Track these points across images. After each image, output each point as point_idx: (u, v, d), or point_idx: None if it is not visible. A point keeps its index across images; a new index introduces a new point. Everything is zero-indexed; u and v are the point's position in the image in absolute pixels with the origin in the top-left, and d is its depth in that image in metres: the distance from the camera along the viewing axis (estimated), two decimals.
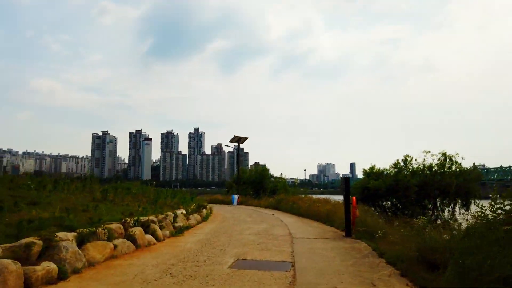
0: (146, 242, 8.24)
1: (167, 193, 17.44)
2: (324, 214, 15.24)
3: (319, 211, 15.96)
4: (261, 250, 7.90)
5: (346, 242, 9.13)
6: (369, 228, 10.27)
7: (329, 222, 14.03)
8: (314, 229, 12.31)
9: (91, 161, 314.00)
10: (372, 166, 24.00)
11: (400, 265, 6.25)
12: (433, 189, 22.84)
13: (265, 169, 37.62)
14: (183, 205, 15.03)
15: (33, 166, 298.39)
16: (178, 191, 22.78)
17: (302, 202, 20.17)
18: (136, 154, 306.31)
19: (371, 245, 8.44)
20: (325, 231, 11.77)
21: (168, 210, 12.59)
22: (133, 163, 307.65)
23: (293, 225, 13.58)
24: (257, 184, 36.70)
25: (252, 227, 12.47)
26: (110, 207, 10.89)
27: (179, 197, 17.47)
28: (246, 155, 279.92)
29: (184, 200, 17.47)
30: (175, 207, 13.80)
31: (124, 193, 13.87)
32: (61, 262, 5.40)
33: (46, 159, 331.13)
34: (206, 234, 10.50)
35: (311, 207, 17.54)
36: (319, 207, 16.40)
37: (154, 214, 10.71)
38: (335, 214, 14.12)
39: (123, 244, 7.21)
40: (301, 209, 18.86)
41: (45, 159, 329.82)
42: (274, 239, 9.61)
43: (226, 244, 8.62)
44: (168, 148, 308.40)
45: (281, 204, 23.52)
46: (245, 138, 33.73)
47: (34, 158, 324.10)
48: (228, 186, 42.59)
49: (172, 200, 14.86)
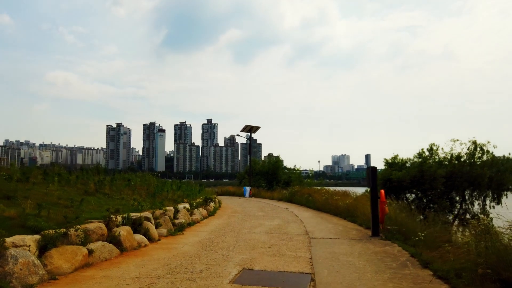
0: (134, 244, 6.89)
1: (171, 185, 16.16)
2: (344, 209, 13.70)
3: (338, 205, 14.42)
4: (273, 256, 6.45)
5: (376, 245, 7.60)
6: (401, 227, 8.71)
7: (350, 217, 12.49)
8: (334, 226, 10.79)
9: (106, 153, 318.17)
10: (395, 156, 22.22)
11: (457, 282, 4.71)
12: (462, 181, 21.01)
13: (278, 160, 36.10)
14: (188, 198, 13.71)
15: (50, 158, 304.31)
16: (185, 182, 21.51)
17: (319, 194, 18.63)
18: (150, 146, 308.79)
19: (408, 250, 6.89)
20: (347, 229, 10.24)
21: (170, 204, 11.27)
22: (147, 155, 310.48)
23: (309, 221, 12.09)
24: (270, 176, 35.28)
25: (264, 224, 11.04)
26: (103, 201, 9.61)
27: (184, 189, 16.17)
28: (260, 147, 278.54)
29: (191, 193, 16.15)
30: (178, 201, 12.47)
31: (122, 185, 12.62)
32: (5, 278, 4.06)
33: (62, 151, 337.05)
34: (210, 233, 9.11)
35: (328, 201, 16.00)
36: (338, 200, 14.85)
37: (151, 209, 9.39)
38: (357, 209, 12.57)
39: (103, 249, 5.85)
40: (318, 203, 17.34)
41: (61, 151, 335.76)
42: (288, 240, 8.14)
43: (231, 247, 7.20)
44: (182, 139, 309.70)
45: (295, 196, 22.04)
46: (257, 128, 32.20)
47: (51, 150, 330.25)
48: (240, 178, 41.31)
49: (176, 193, 13.53)
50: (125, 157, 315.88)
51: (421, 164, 20.29)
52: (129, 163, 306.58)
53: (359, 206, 12.52)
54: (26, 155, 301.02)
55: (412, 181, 19.69)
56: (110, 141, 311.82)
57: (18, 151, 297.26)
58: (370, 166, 9.21)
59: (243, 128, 31.96)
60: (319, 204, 17.04)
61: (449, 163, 21.38)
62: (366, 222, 10.82)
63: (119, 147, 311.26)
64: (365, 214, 11.37)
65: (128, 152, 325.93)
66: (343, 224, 11.29)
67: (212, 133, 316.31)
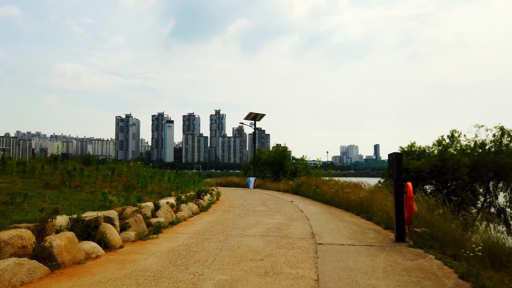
0: (79, 257, 5.12)
1: (163, 176, 14.42)
2: (357, 203, 11.82)
3: (350, 199, 12.54)
4: (264, 276, 4.62)
5: (405, 256, 5.71)
6: (433, 230, 6.81)
7: (365, 214, 10.63)
8: (347, 225, 8.92)
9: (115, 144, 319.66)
10: (412, 143, 20.10)
11: None
12: (487, 171, 18.91)
13: (285, 149, 34.17)
14: (177, 191, 11.98)
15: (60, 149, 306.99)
16: (182, 173, 19.80)
17: (327, 186, 16.75)
18: (159, 137, 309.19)
19: (453, 266, 4.99)
20: (363, 229, 8.36)
21: (153, 198, 9.54)
22: (156, 146, 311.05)
23: (317, 218, 10.24)
24: (276, 166, 33.44)
25: (262, 222, 9.22)
26: (63, 196, 7.88)
27: (174, 180, 14.43)
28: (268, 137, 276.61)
29: (184, 185, 14.42)
30: (164, 194, 10.72)
31: (100, 176, 10.92)
32: None
33: (73, 142, 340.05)
34: (191, 236, 7.32)
35: (339, 194, 14.12)
36: (349, 194, 12.96)
37: (124, 205, 7.65)
38: (373, 203, 10.69)
39: (16, 269, 4.08)
40: (326, 195, 15.49)
41: (72, 142, 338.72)
42: (288, 247, 6.31)
43: (210, 259, 5.40)
44: (190, 130, 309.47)
45: (302, 188, 20.20)
46: (261, 115, 30.25)
47: (61, 141, 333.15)
48: (245, 168, 39.58)
49: (162, 185, 11.76)
50: (134, 148, 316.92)
51: (442, 153, 18.18)
52: (138, 154, 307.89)
53: (376, 201, 10.62)
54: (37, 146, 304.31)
55: (432, 171, 17.63)
56: (119, 132, 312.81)
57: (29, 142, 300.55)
58: (394, 153, 7.28)
59: (247, 115, 30.05)
60: (328, 197, 15.20)
61: (472, 151, 19.28)
62: (385, 220, 8.94)
63: (128, 138, 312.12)
64: (383, 211, 9.47)
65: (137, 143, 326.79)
66: (357, 223, 9.40)
67: (220, 124, 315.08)
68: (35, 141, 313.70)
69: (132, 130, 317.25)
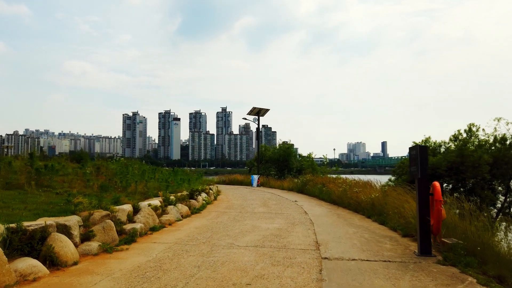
0: (5, 282, 3.89)
1: (154, 173, 13.25)
2: (368, 204, 10.49)
3: (360, 199, 11.20)
4: None
5: (436, 278, 4.37)
6: (467, 242, 5.46)
7: (377, 217, 9.31)
8: (357, 231, 7.61)
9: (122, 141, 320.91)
10: (426, 138, 18.62)
11: None
12: (508, 168, 17.41)
13: (290, 146, 32.81)
14: (167, 190, 10.79)
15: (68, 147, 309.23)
16: (180, 171, 18.63)
17: (334, 185, 15.41)
18: (166, 134, 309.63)
19: None
20: (377, 236, 7.05)
21: (136, 199, 8.35)
22: (163, 143, 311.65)
23: (323, 221, 8.94)
24: (281, 163, 32.10)
25: (259, 227, 7.95)
26: (22, 199, 6.70)
27: (171, 178, 13.23)
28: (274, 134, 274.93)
29: (179, 182, 13.23)
30: (149, 195, 9.51)
31: (81, 174, 9.76)
32: None
33: (80, 139, 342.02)
34: (170, 246, 6.07)
35: (347, 193, 12.80)
36: (359, 193, 11.62)
37: (94, 208, 6.42)
38: (387, 205, 9.36)
39: None
40: (333, 195, 14.17)
41: (79, 139, 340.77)
42: (286, 264, 5.03)
43: (180, 284, 4.13)
44: (197, 128, 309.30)
45: (307, 186, 18.89)
46: (265, 110, 28.94)
47: (69, 139, 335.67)
48: (250, 165, 38.26)
49: (147, 184, 10.53)
50: (141, 146, 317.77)
51: (461, 149, 16.70)
52: (145, 152, 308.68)
53: (390, 202, 9.28)
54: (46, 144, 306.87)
55: (450, 169, 16.18)
56: (126, 130, 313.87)
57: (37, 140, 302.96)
58: (418, 146, 5.96)
59: (251, 110, 28.76)
60: (335, 197, 13.88)
61: (492, 147, 17.77)
62: (402, 226, 7.60)
63: (135, 136, 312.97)
64: (400, 215, 8.13)
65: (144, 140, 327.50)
66: (369, 228, 8.09)
67: (226, 121, 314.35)
68: (43, 139, 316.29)
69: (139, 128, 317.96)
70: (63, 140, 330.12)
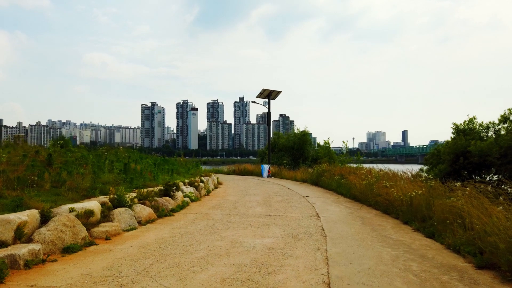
0: None
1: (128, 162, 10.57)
2: (404, 204, 7.50)
3: (392, 196, 8.20)
4: None
5: None
6: None
7: (419, 223, 6.38)
8: (398, 256, 4.69)
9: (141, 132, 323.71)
10: (470, 119, 15.17)
11: None
12: None
13: (305, 133, 29.70)
14: (131, 184, 8.10)
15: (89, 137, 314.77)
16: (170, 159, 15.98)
17: (356, 176, 12.38)
18: (184, 124, 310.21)
19: None
20: (435, 269, 4.11)
21: (67, 198, 5.70)
22: (181, 133, 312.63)
23: (341, 233, 6.04)
24: (296, 152, 29.12)
25: (240, 245, 5.15)
26: None
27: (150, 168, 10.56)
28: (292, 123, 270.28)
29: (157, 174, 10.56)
30: (92, 193, 6.80)
31: None
32: None
33: (101, 130, 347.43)
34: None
35: (373, 187, 9.81)
36: (391, 189, 8.58)
37: None
38: (433, 205, 6.39)
39: None
40: (354, 189, 11.22)
41: (100, 130, 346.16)
42: None
43: None
44: (214, 117, 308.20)
45: (323, 178, 15.92)
46: (277, 92, 25.87)
47: (90, 129, 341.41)
48: (262, 154, 35.43)
49: (94, 179, 7.79)
50: (160, 136, 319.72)
51: None
52: (164, 142, 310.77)
53: (442, 205, 6.25)
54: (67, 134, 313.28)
55: (504, 156, 12.89)
56: (145, 120, 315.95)
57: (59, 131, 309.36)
58: None
59: (260, 93, 25.75)
60: (357, 191, 10.93)
61: None
62: (471, 244, 4.62)
63: (154, 126, 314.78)
64: (463, 226, 5.14)
65: (163, 130, 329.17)
66: (413, 246, 5.13)
67: (244, 111, 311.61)
68: (65, 130, 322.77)
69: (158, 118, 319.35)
70: (84, 130, 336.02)
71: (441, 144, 20.16)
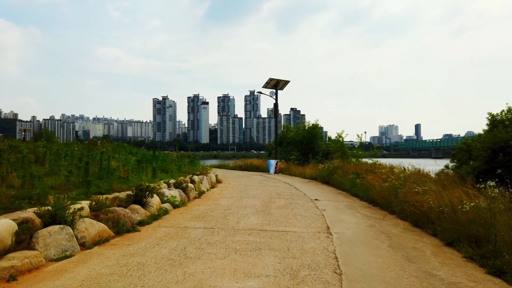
0: None
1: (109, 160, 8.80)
2: (446, 217, 5.54)
3: (425, 205, 6.22)
4: None
5: None
6: None
7: (467, 245, 4.46)
8: None
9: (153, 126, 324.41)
10: (510, 107, 12.93)
11: None
12: None
13: (316, 126, 27.66)
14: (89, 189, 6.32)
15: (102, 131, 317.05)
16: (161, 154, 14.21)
17: (375, 176, 10.36)
18: (195, 118, 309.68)
19: None
20: None
21: None
22: (192, 127, 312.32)
23: (362, 265, 4.13)
24: (305, 146, 27.12)
25: None
26: None
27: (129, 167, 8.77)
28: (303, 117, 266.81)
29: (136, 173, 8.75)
30: (19, 205, 5.02)
31: None
32: None
33: (114, 124, 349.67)
34: None
35: (398, 191, 7.83)
36: (424, 196, 6.59)
37: None
38: (495, 223, 4.41)
39: None
40: (373, 191, 9.28)
41: (113, 124, 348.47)
42: None
43: None
44: (225, 111, 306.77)
45: (334, 175, 13.95)
46: (284, 82, 23.82)
47: (103, 123, 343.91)
48: (270, 149, 33.48)
49: (33, 182, 6.03)
50: (171, 130, 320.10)
51: None
52: (175, 136, 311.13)
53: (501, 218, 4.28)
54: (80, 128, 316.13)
55: None
56: (156, 114, 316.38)
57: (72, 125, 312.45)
58: None
59: (266, 83, 23.73)
60: (376, 194, 8.98)
61: None
62: None
63: (165, 120, 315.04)
64: None
65: (174, 124, 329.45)
66: None
67: (254, 105, 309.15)
68: (78, 124, 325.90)
69: (169, 112, 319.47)
70: (97, 124, 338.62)
71: (471, 138, 17.90)
